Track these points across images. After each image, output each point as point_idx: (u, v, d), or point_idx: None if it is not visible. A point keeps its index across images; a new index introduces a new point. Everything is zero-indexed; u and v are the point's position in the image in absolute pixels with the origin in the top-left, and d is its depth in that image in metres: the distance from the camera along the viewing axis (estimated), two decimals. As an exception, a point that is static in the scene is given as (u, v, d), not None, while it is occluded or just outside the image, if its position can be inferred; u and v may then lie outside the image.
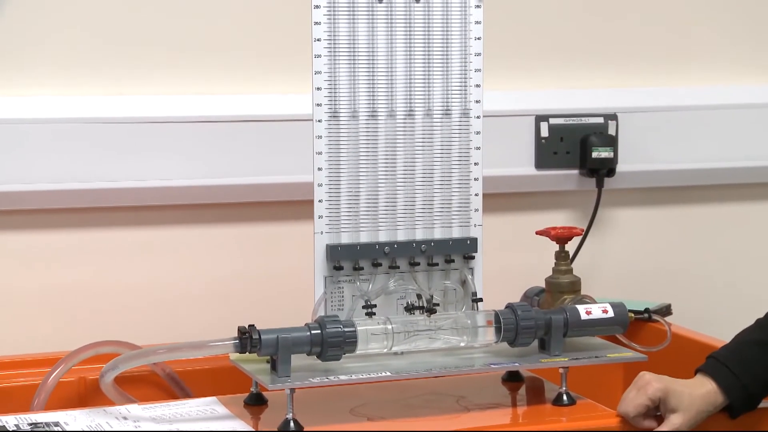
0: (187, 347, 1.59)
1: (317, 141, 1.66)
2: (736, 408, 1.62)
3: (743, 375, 1.62)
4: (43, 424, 1.55)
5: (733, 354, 1.65)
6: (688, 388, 1.61)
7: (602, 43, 2.22)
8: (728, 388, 1.61)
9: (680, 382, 1.61)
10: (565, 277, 1.76)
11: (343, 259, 1.67)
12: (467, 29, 1.70)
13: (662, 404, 1.59)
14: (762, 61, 2.29)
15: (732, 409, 1.62)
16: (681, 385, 1.61)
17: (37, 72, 1.96)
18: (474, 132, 1.72)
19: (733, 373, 1.62)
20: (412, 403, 1.68)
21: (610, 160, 2.17)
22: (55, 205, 1.96)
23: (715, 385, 1.61)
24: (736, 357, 1.64)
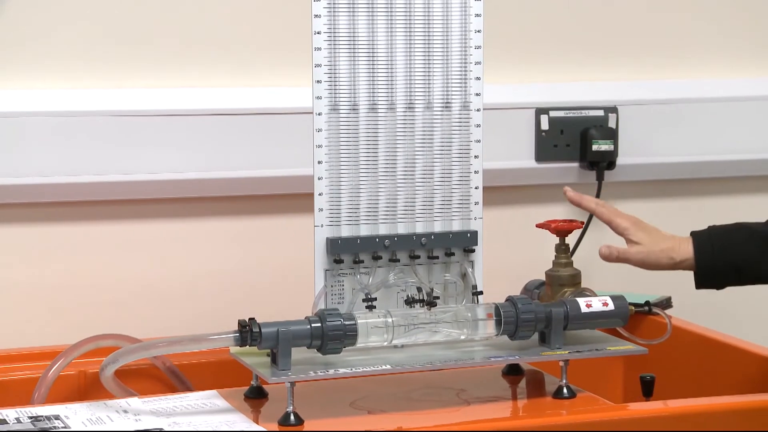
0: (188, 340, 1.59)
1: (317, 134, 1.66)
2: (700, 276, 1.73)
3: (719, 253, 1.70)
4: (44, 418, 1.55)
5: (725, 232, 1.72)
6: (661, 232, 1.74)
7: (603, 35, 2.22)
8: (700, 257, 1.71)
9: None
10: (565, 270, 1.76)
11: (344, 252, 1.67)
12: (467, 22, 1.70)
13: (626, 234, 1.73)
14: (762, 54, 2.29)
15: (696, 276, 1.73)
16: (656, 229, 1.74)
17: (36, 65, 1.96)
18: (474, 125, 1.72)
19: (712, 246, 1.70)
20: (413, 397, 1.68)
21: (610, 153, 2.17)
22: (54, 199, 1.96)
23: (692, 249, 1.72)
24: (724, 236, 1.71)
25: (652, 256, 1.73)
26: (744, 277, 1.75)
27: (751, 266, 1.72)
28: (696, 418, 1.59)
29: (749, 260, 1.72)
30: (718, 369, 1.89)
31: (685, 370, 1.92)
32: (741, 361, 1.86)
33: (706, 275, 1.74)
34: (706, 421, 1.59)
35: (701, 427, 1.59)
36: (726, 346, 1.89)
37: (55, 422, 1.54)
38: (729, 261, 1.72)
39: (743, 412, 1.61)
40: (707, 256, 1.72)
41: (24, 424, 1.53)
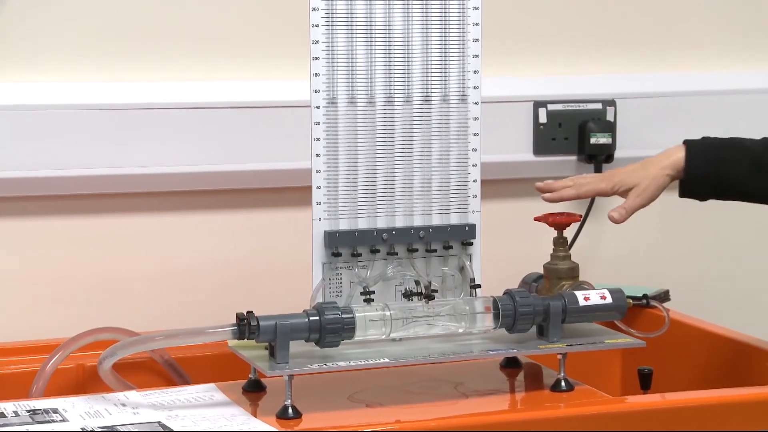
0: (186, 334, 1.59)
1: (315, 127, 1.66)
2: (685, 184, 1.74)
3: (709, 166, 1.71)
4: (42, 411, 1.55)
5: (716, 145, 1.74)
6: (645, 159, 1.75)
7: (601, 29, 2.21)
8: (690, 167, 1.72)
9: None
10: (563, 264, 1.76)
11: (341, 245, 1.67)
12: (465, 15, 1.70)
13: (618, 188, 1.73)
14: (760, 47, 2.29)
15: (682, 184, 1.74)
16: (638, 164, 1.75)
17: (34, 59, 1.95)
18: (472, 118, 1.72)
19: (704, 158, 1.72)
20: (411, 390, 1.68)
21: (608, 146, 2.17)
22: (52, 192, 1.96)
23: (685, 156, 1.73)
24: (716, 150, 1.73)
25: (649, 190, 1.74)
26: (729, 193, 1.75)
27: (739, 184, 1.73)
28: (694, 411, 1.60)
29: (738, 178, 1.73)
30: (715, 362, 1.89)
31: (682, 363, 1.92)
32: (739, 354, 1.86)
33: (692, 186, 1.74)
34: (704, 414, 1.60)
35: (699, 420, 1.59)
36: (724, 339, 1.89)
37: (54, 415, 1.54)
38: (718, 175, 1.73)
39: (741, 405, 1.62)
40: (698, 168, 1.72)
41: (22, 417, 1.53)
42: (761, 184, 1.71)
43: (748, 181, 1.72)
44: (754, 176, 1.71)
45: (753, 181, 1.71)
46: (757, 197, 1.73)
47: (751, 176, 1.71)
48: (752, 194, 1.73)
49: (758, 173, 1.71)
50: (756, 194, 1.73)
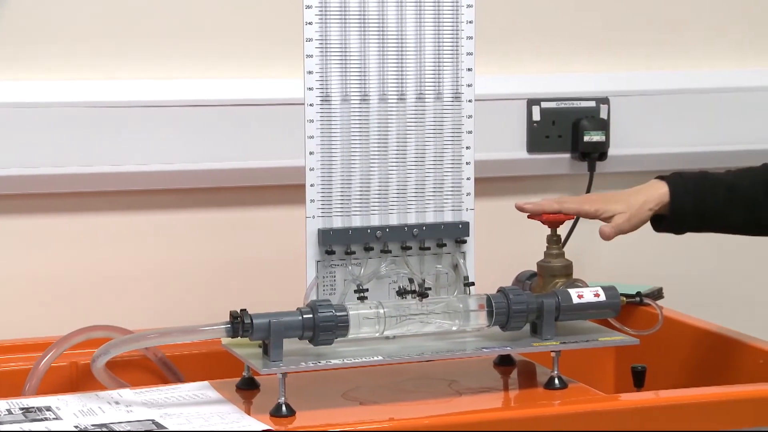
0: (179, 332, 1.59)
1: (309, 125, 1.66)
2: (668, 220, 1.74)
3: (696, 199, 1.73)
4: (35, 409, 1.55)
5: (695, 178, 1.76)
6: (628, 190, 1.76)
7: (595, 27, 2.21)
8: (675, 199, 1.73)
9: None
10: (556, 261, 1.76)
11: (335, 243, 1.67)
12: (459, 13, 1.70)
13: (604, 214, 1.75)
14: (753, 45, 2.29)
15: (663, 220, 1.75)
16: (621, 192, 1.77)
17: (32, 57, 1.95)
18: (466, 116, 1.72)
19: (686, 189, 1.73)
20: (404, 387, 1.68)
21: (601, 144, 2.17)
22: (46, 190, 1.96)
23: (668, 192, 1.73)
24: (696, 182, 1.75)
25: (633, 219, 1.75)
26: (707, 224, 1.77)
27: (717, 216, 1.76)
28: (687, 409, 1.60)
29: (716, 210, 1.75)
30: (709, 359, 1.89)
31: (676, 360, 1.92)
32: (732, 351, 1.86)
33: (675, 220, 1.76)
34: (698, 412, 1.60)
35: (692, 418, 1.59)
36: (717, 337, 1.89)
37: (47, 413, 1.54)
38: (699, 208, 1.75)
39: (734, 402, 1.62)
40: (683, 200, 1.75)
41: (15, 415, 1.53)
42: (737, 214, 1.75)
43: (725, 212, 1.75)
44: (730, 207, 1.75)
45: (730, 211, 1.75)
46: (733, 228, 1.77)
47: (727, 207, 1.75)
48: (729, 225, 1.77)
49: (734, 203, 1.74)
50: (732, 225, 1.77)
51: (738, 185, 1.75)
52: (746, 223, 1.76)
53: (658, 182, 1.77)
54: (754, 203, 1.74)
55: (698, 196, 1.74)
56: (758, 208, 1.74)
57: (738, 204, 1.74)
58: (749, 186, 1.75)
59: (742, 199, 1.74)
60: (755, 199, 1.74)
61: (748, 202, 1.74)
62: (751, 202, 1.74)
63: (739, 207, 1.74)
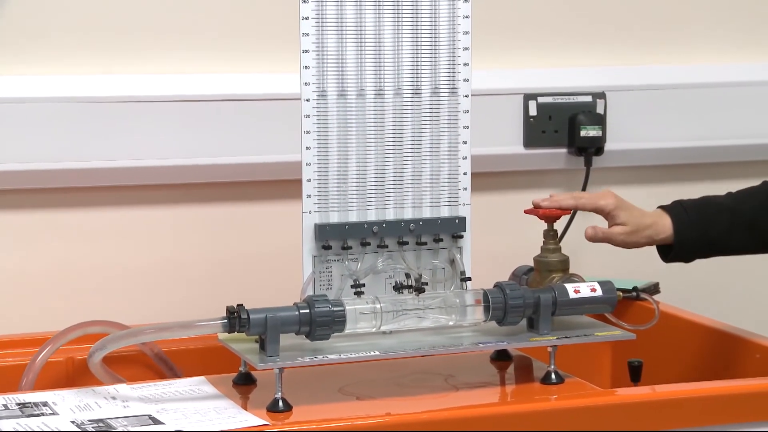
0: (176, 327, 1.59)
1: (305, 120, 1.65)
2: (675, 251, 1.76)
3: (695, 226, 1.74)
4: (32, 404, 1.55)
5: (696, 206, 1.76)
6: (640, 210, 1.76)
7: (591, 21, 2.21)
8: (680, 230, 1.74)
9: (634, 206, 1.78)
10: (553, 256, 1.76)
11: (332, 238, 1.67)
12: (455, 8, 1.70)
13: (610, 217, 1.74)
14: (748, 40, 2.29)
15: (670, 250, 1.76)
16: (635, 207, 1.76)
17: (30, 52, 1.95)
18: (462, 110, 1.72)
19: (689, 219, 1.74)
20: (401, 382, 1.68)
21: (598, 139, 2.17)
22: (40, 185, 1.96)
23: (670, 223, 1.74)
24: (698, 209, 1.75)
25: (633, 237, 1.76)
26: (715, 250, 1.78)
27: (723, 240, 1.76)
28: (684, 404, 1.60)
29: (720, 234, 1.76)
30: (705, 354, 1.89)
31: (672, 355, 1.92)
32: (728, 346, 1.86)
33: (682, 250, 1.77)
34: (694, 407, 1.60)
35: (689, 413, 1.59)
36: (713, 331, 1.89)
37: (43, 408, 1.54)
38: (703, 235, 1.76)
39: (731, 397, 1.62)
40: (686, 230, 1.75)
41: (12, 410, 1.53)
42: (742, 236, 1.76)
43: (730, 238, 1.76)
44: (735, 231, 1.75)
45: (735, 236, 1.76)
46: (739, 250, 1.78)
47: (732, 232, 1.75)
48: (735, 249, 1.78)
49: (738, 228, 1.75)
50: (738, 248, 1.78)
51: (741, 209, 1.76)
52: (753, 245, 1.77)
53: (662, 213, 1.77)
54: (759, 225, 1.75)
55: (702, 225, 1.75)
56: (763, 230, 1.75)
57: (743, 228, 1.75)
58: (752, 209, 1.76)
59: (747, 222, 1.75)
60: (759, 221, 1.75)
61: (753, 225, 1.75)
62: (755, 224, 1.75)
63: (744, 230, 1.75)
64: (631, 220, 1.76)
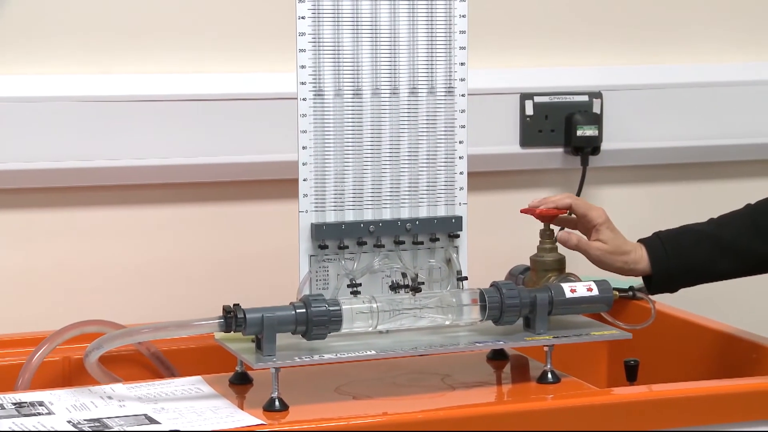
0: (172, 326, 1.59)
1: (302, 119, 1.65)
2: (655, 283, 1.76)
3: (673, 257, 1.74)
4: (28, 404, 1.55)
5: (673, 236, 1.77)
6: (623, 237, 1.76)
7: (587, 21, 2.21)
8: (655, 262, 1.75)
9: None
10: (549, 256, 1.76)
11: (328, 237, 1.67)
12: (452, 7, 1.70)
13: (595, 230, 1.75)
14: (745, 39, 2.29)
15: (651, 283, 1.76)
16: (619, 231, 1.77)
17: (31, 53, 1.95)
18: (459, 110, 1.72)
19: (665, 251, 1.74)
20: (398, 382, 1.68)
21: (594, 138, 2.17)
22: (39, 185, 1.95)
23: (647, 255, 1.75)
24: (675, 240, 1.76)
25: (610, 257, 1.75)
26: (699, 278, 1.78)
27: (706, 267, 1.76)
28: (680, 403, 1.60)
29: (702, 262, 1.75)
30: (701, 353, 1.89)
31: (669, 354, 1.92)
32: (724, 345, 1.86)
33: (662, 281, 1.77)
34: (690, 406, 1.60)
35: (685, 412, 1.59)
36: (709, 331, 1.89)
37: (40, 408, 1.53)
38: (683, 264, 1.75)
39: (727, 396, 1.62)
40: (662, 261, 1.75)
41: (8, 410, 1.52)
42: (726, 262, 1.75)
43: (714, 265, 1.75)
44: (719, 258, 1.75)
45: (720, 263, 1.75)
46: (726, 276, 1.77)
47: (716, 259, 1.75)
48: (721, 275, 1.77)
49: (722, 254, 1.75)
50: (725, 274, 1.77)
51: (723, 236, 1.75)
52: (739, 270, 1.76)
53: (640, 246, 1.77)
54: (742, 250, 1.74)
55: (680, 256, 1.75)
56: (748, 255, 1.75)
57: (726, 254, 1.75)
58: (734, 234, 1.75)
59: (730, 248, 1.74)
60: (742, 246, 1.74)
61: (736, 251, 1.74)
62: (738, 250, 1.74)
63: (728, 257, 1.75)
64: (613, 241, 1.75)
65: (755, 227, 1.75)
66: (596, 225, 1.76)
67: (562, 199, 1.77)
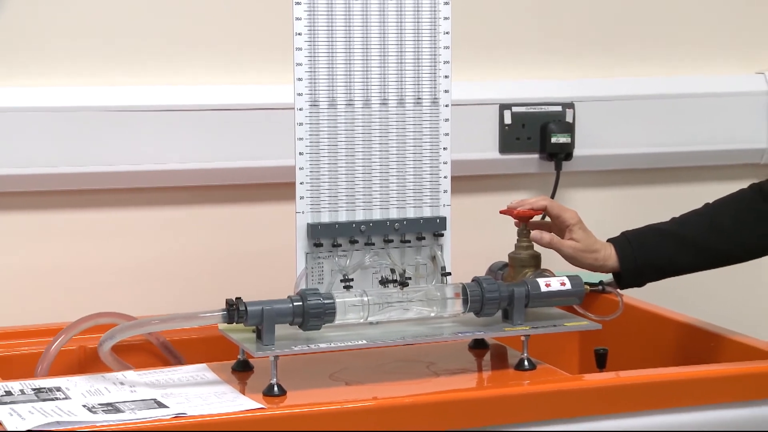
0: (180, 318, 1.58)
1: (299, 128, 1.65)
2: (624, 278, 1.75)
3: (639, 254, 1.74)
4: (47, 389, 1.55)
5: (639, 235, 1.76)
6: (594, 236, 1.76)
7: (560, 38, 2.21)
8: (624, 259, 1.74)
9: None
10: (526, 253, 1.76)
11: (323, 236, 1.66)
12: (437, 24, 1.69)
13: (568, 230, 1.74)
14: (701, 56, 2.30)
15: (621, 278, 1.76)
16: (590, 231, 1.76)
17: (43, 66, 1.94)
18: (443, 119, 1.71)
19: (632, 249, 1.74)
20: (387, 369, 1.68)
21: (567, 145, 2.17)
22: (56, 188, 1.95)
23: (615, 252, 1.74)
24: (641, 239, 1.75)
25: (581, 254, 1.74)
26: (664, 273, 1.77)
27: (669, 263, 1.76)
28: (646, 388, 1.60)
29: (666, 258, 1.75)
30: (665, 343, 1.89)
31: (635, 344, 1.92)
32: (686, 335, 1.86)
33: (630, 276, 1.76)
34: (655, 391, 1.60)
35: (651, 397, 1.59)
36: (672, 322, 1.89)
37: (57, 393, 1.53)
38: (648, 261, 1.75)
39: (688, 382, 1.62)
40: (630, 259, 1.75)
41: (28, 395, 1.52)
42: (688, 258, 1.75)
43: (677, 260, 1.75)
44: (680, 252, 1.74)
45: (681, 257, 1.75)
46: (688, 270, 1.77)
47: (678, 253, 1.74)
48: (684, 269, 1.77)
49: (684, 249, 1.74)
50: (685, 267, 1.76)
51: (684, 234, 1.75)
52: (701, 264, 1.76)
53: (609, 245, 1.76)
54: (703, 246, 1.74)
55: (646, 253, 1.74)
56: (707, 251, 1.75)
57: (688, 250, 1.74)
58: (695, 231, 1.75)
59: (692, 244, 1.74)
60: (703, 242, 1.74)
61: (698, 247, 1.74)
62: (700, 245, 1.74)
63: (690, 252, 1.74)
64: (585, 240, 1.74)
65: (713, 225, 1.75)
66: (569, 225, 1.75)
67: (537, 201, 1.76)
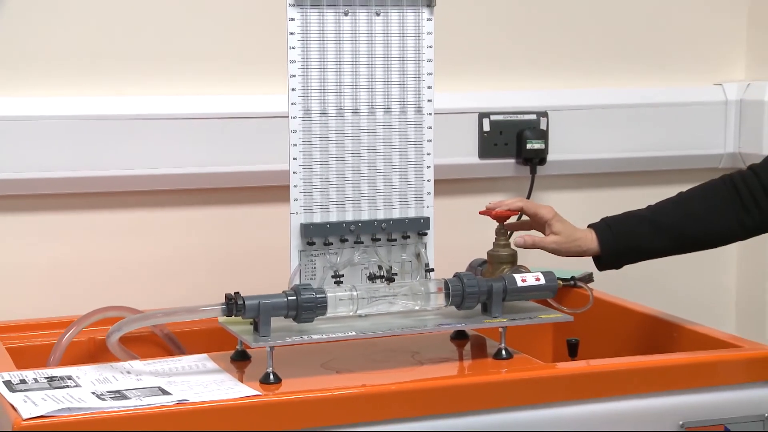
0: (182, 311, 1.59)
1: (292, 135, 1.65)
2: (603, 261, 1.76)
3: (619, 238, 1.74)
4: (59, 378, 1.55)
5: (618, 221, 1.77)
6: (572, 225, 1.77)
7: (534, 51, 2.22)
8: (604, 243, 1.74)
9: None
10: (504, 250, 1.77)
11: (315, 235, 1.67)
12: (420, 39, 1.70)
13: (547, 225, 1.75)
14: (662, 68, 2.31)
15: (600, 260, 1.76)
16: (567, 221, 1.77)
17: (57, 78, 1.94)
18: (426, 127, 1.72)
19: (612, 233, 1.75)
20: (375, 358, 1.68)
21: (542, 151, 2.18)
22: (75, 190, 1.95)
23: (596, 237, 1.74)
24: (619, 224, 1.76)
25: (564, 245, 1.75)
26: (640, 255, 1.78)
27: (646, 246, 1.76)
28: (614, 375, 1.61)
29: (643, 241, 1.75)
30: (632, 333, 1.90)
31: (604, 334, 1.93)
32: (651, 326, 1.87)
33: (609, 259, 1.76)
34: (622, 378, 1.61)
35: (618, 383, 1.60)
36: (638, 314, 1.90)
37: (68, 382, 1.53)
38: (626, 244, 1.75)
39: (653, 369, 1.63)
40: (609, 242, 1.75)
41: (41, 383, 1.53)
42: (663, 242, 1.75)
43: (652, 243, 1.75)
44: (656, 238, 1.75)
45: (656, 241, 1.75)
46: (663, 253, 1.78)
47: (653, 239, 1.75)
48: (658, 252, 1.77)
49: (658, 233, 1.75)
50: (661, 251, 1.77)
51: (659, 219, 1.75)
52: (673, 248, 1.77)
53: (590, 230, 1.77)
54: (676, 231, 1.75)
55: (624, 237, 1.75)
56: (680, 235, 1.75)
57: (662, 234, 1.75)
58: (669, 218, 1.75)
59: (665, 229, 1.75)
60: (676, 227, 1.75)
61: (671, 232, 1.75)
62: (673, 231, 1.75)
63: (664, 237, 1.75)
64: (564, 231, 1.75)
65: (687, 212, 1.75)
66: (547, 220, 1.76)
67: (514, 202, 1.78)
